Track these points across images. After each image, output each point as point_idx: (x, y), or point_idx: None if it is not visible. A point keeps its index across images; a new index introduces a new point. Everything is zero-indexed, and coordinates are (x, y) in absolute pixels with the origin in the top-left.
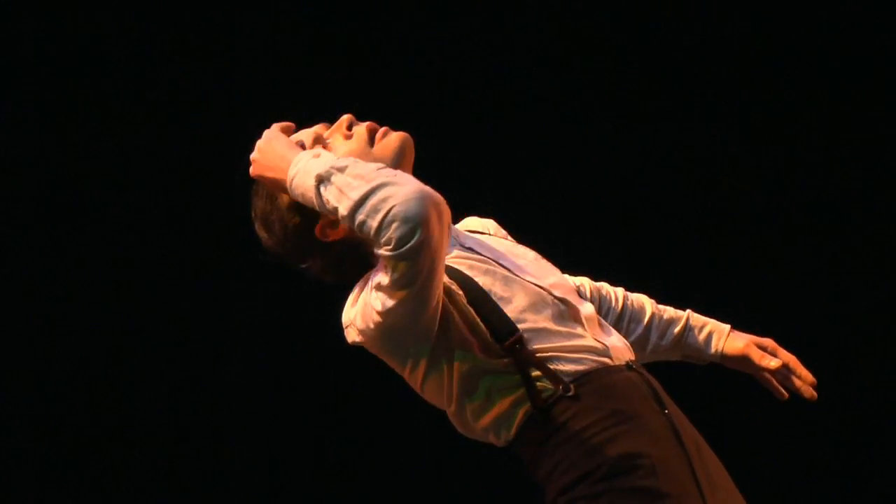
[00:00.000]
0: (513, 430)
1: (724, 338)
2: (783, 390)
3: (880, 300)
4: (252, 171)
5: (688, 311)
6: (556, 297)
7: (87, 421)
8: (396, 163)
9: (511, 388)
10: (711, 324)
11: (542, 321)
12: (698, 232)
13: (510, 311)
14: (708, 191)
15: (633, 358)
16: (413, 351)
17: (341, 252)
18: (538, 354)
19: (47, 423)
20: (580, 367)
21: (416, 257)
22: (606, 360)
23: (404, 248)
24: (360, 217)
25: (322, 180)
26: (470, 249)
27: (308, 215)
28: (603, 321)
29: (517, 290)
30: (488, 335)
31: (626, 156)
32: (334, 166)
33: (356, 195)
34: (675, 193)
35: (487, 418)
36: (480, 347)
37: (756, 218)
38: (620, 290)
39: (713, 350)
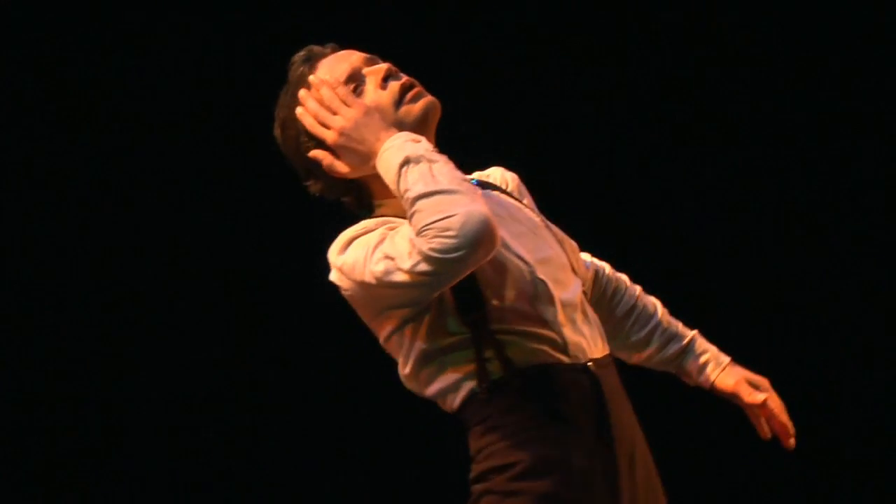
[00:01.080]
0: (456, 403)
1: (718, 371)
2: (767, 430)
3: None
4: (328, 134)
5: (695, 332)
6: (536, 275)
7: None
8: (415, 127)
9: (462, 363)
10: (712, 353)
11: (513, 300)
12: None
13: (483, 283)
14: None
15: (601, 356)
16: (386, 314)
17: (343, 188)
18: (497, 336)
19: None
20: (533, 359)
21: (444, 269)
22: (563, 356)
23: (442, 255)
24: (421, 205)
25: (410, 161)
26: None
27: (323, 148)
28: (589, 309)
29: (498, 262)
30: (453, 304)
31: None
32: (426, 157)
33: (432, 188)
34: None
35: (436, 386)
36: (444, 316)
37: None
38: (637, 289)
39: (705, 380)
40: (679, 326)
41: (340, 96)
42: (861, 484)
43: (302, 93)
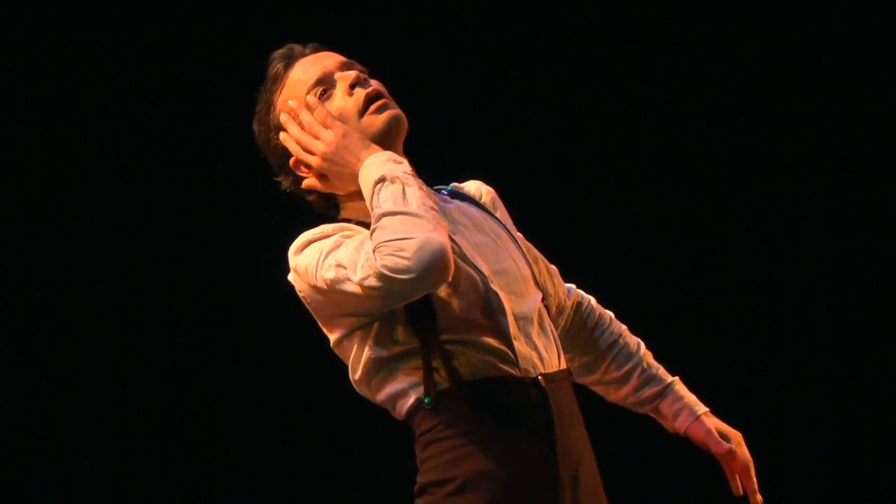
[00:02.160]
0: (404, 411)
1: (691, 419)
2: (738, 486)
3: None
4: (312, 160)
5: (675, 378)
6: (490, 286)
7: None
8: (377, 138)
9: (411, 371)
10: (688, 400)
11: (463, 311)
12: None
13: (434, 293)
14: None
15: (553, 371)
16: (337, 319)
17: (310, 188)
18: (445, 346)
19: None
20: (480, 371)
21: (392, 287)
22: (512, 369)
23: (391, 274)
24: (385, 222)
25: (385, 179)
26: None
27: (292, 147)
28: (548, 323)
29: (453, 271)
30: (403, 312)
31: None
32: (402, 179)
33: (399, 208)
34: None
35: (385, 392)
36: (393, 323)
37: None
38: (622, 326)
39: (678, 426)
40: (660, 370)
41: (318, 119)
42: None
43: (283, 117)
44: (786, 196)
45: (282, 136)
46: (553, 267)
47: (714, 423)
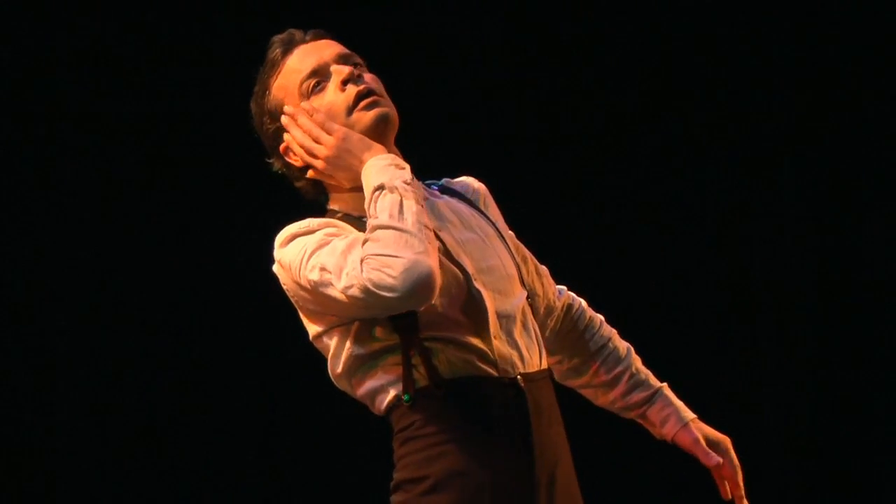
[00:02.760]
0: (383, 407)
1: (679, 426)
2: (726, 491)
3: None
4: (317, 163)
5: (664, 384)
6: (472, 284)
7: None
8: (365, 135)
9: (391, 367)
10: (676, 406)
11: (444, 308)
12: None
13: None
14: None
15: (534, 371)
16: (317, 315)
17: (299, 173)
18: (426, 343)
19: None
20: (459, 369)
21: (373, 301)
22: (490, 369)
23: (374, 289)
24: (378, 234)
25: (384, 188)
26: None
27: (281, 133)
28: (531, 322)
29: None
30: None
31: None
32: (400, 189)
33: (394, 223)
34: None
35: (365, 388)
36: (375, 319)
37: None
38: (612, 331)
39: (666, 433)
40: (649, 375)
41: (318, 123)
42: None
43: (284, 119)
44: (763, 197)
45: (286, 137)
46: (543, 267)
47: (702, 429)
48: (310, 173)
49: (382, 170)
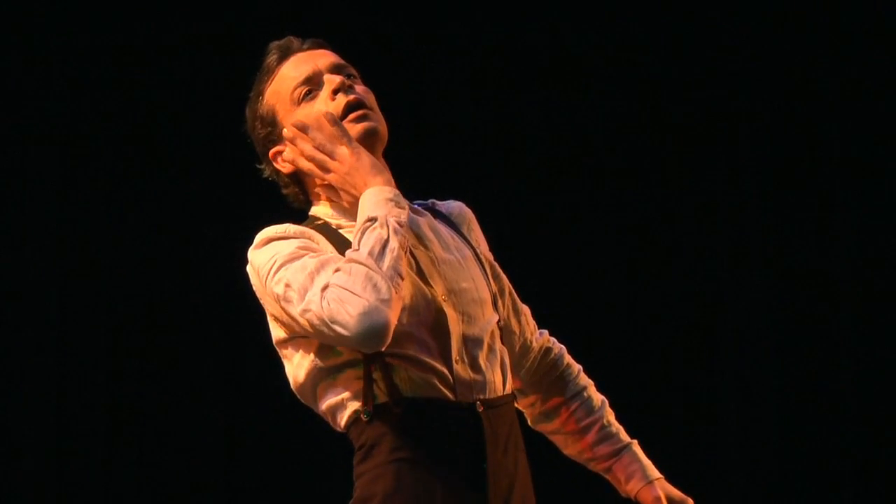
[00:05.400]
0: (343, 423)
1: (642, 484)
2: None
3: None
4: (330, 177)
5: (633, 441)
6: (440, 306)
7: None
8: None
9: (351, 381)
10: (642, 465)
11: (412, 326)
12: None
13: None
14: None
15: (495, 396)
16: (281, 321)
17: (287, 180)
18: (387, 359)
19: None
20: (418, 390)
21: (325, 330)
22: (449, 393)
23: (327, 320)
24: (351, 267)
25: (376, 222)
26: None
27: (271, 139)
28: (499, 347)
29: (405, 285)
30: None
31: None
32: (391, 227)
33: (370, 262)
34: None
35: (326, 402)
36: None
37: None
38: (589, 381)
39: (630, 489)
40: (620, 430)
41: (330, 136)
42: None
43: (286, 130)
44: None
45: (290, 149)
46: (524, 307)
47: (666, 489)
48: (279, 162)
49: (382, 203)
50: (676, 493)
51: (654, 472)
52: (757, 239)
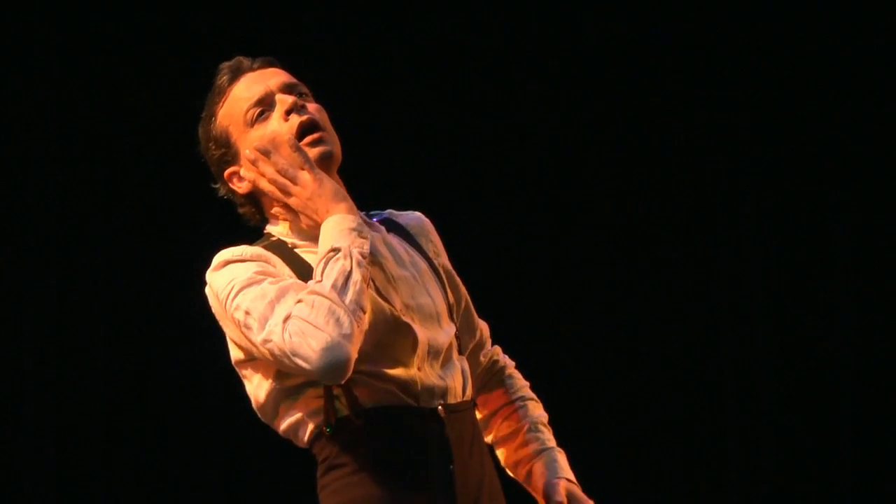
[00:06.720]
0: (305, 439)
1: (549, 479)
2: None
3: None
4: (291, 201)
5: (560, 449)
6: (399, 318)
7: None
8: None
9: (312, 399)
10: (559, 466)
11: (371, 344)
12: None
13: None
14: None
15: (456, 402)
16: (244, 346)
17: (243, 199)
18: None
19: None
20: (379, 400)
21: (285, 361)
22: (411, 400)
23: (288, 352)
24: (314, 299)
25: (339, 252)
26: None
27: (225, 159)
28: (456, 356)
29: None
30: None
31: None
32: (354, 258)
33: (333, 295)
34: None
35: (286, 422)
36: None
37: None
38: (530, 395)
39: (536, 486)
40: (550, 438)
41: (291, 160)
42: None
43: (247, 153)
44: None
45: (248, 170)
46: (483, 323)
47: (573, 491)
48: (234, 182)
49: (345, 233)
50: (583, 497)
51: (569, 474)
52: (757, 239)
